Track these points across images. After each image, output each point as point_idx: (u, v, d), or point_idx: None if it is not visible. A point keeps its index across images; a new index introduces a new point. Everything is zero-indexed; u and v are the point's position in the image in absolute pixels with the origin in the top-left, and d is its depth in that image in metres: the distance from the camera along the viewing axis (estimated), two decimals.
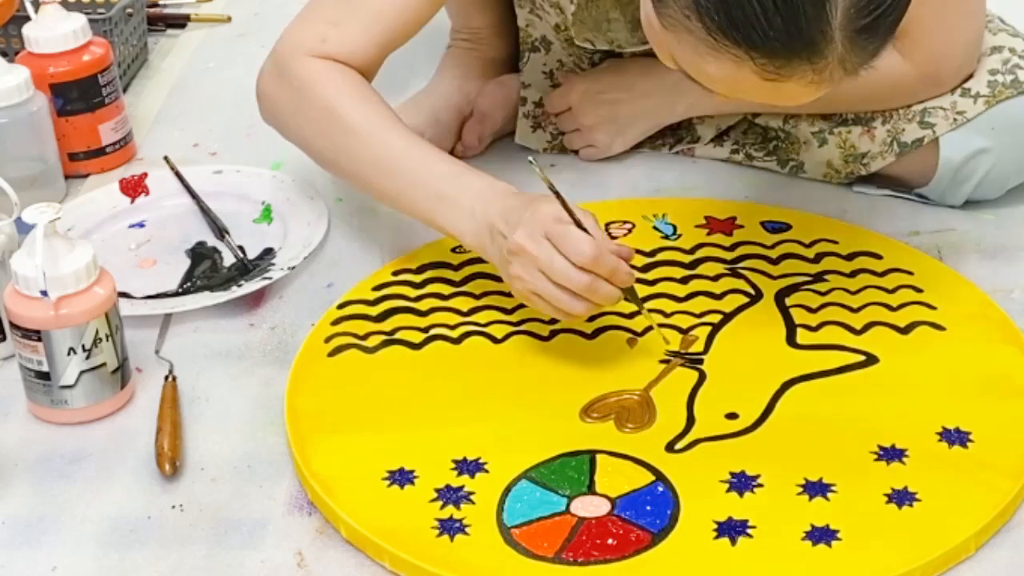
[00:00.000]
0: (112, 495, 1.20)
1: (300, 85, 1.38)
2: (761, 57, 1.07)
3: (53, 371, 1.25)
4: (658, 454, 1.19)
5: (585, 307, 1.23)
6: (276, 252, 1.48)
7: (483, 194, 1.29)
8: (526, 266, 1.23)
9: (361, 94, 1.37)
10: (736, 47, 1.07)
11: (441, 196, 1.31)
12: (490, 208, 1.28)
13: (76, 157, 1.65)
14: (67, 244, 1.25)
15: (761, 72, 1.08)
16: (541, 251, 1.22)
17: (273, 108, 1.43)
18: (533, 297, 1.25)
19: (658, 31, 1.14)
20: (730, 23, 1.06)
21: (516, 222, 1.24)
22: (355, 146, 1.35)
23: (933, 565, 1.09)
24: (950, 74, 1.45)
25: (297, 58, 1.38)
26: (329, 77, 1.37)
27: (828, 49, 1.07)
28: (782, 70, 1.08)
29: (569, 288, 1.22)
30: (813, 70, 1.08)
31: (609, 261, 1.22)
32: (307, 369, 1.30)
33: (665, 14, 1.11)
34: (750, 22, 1.05)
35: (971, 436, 1.19)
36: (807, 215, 1.48)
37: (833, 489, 1.14)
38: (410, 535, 1.12)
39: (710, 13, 1.07)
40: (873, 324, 1.32)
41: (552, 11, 1.53)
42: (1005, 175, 1.48)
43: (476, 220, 1.28)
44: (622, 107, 1.59)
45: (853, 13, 1.06)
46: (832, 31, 1.06)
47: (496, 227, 1.26)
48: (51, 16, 1.61)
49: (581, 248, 1.21)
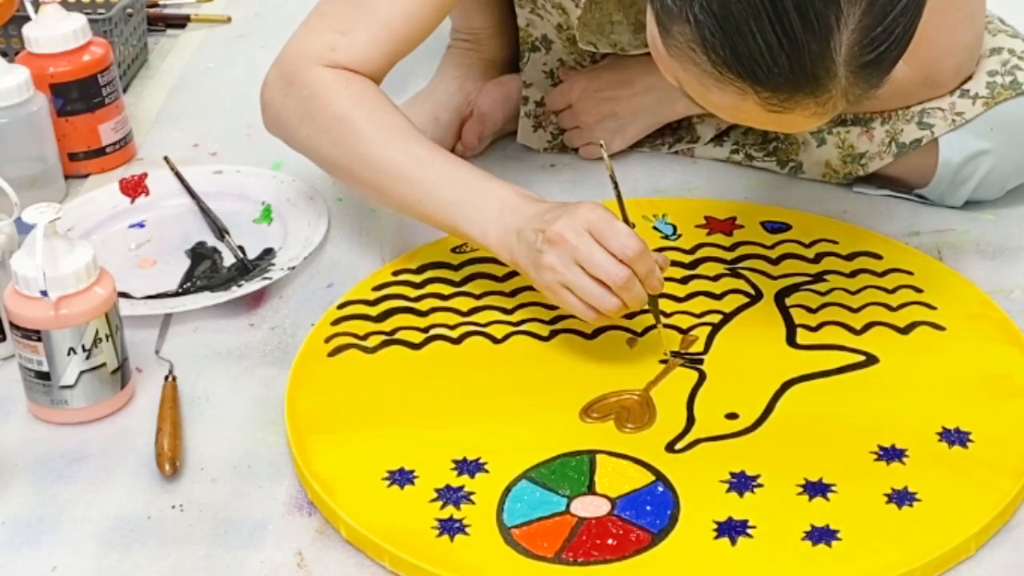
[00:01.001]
0: (112, 495, 1.20)
1: (311, 95, 1.37)
2: (765, 91, 1.08)
3: (53, 371, 1.25)
4: (658, 454, 1.19)
5: (616, 304, 1.23)
6: (276, 252, 1.48)
7: (509, 199, 1.29)
8: (562, 256, 1.23)
9: (375, 102, 1.37)
10: (740, 81, 1.08)
11: (465, 201, 1.31)
12: (517, 213, 1.28)
13: (76, 157, 1.65)
14: (67, 244, 1.25)
15: (765, 104, 1.09)
16: (583, 243, 1.22)
17: (279, 117, 1.41)
18: (562, 291, 1.24)
19: (663, 56, 1.15)
20: (735, 59, 1.07)
21: (554, 218, 1.24)
22: (372, 155, 1.34)
23: (933, 565, 1.09)
24: (949, 76, 1.45)
25: (306, 67, 1.37)
26: (341, 86, 1.36)
27: (832, 84, 1.08)
28: (786, 103, 1.09)
29: (604, 282, 1.22)
30: (816, 103, 1.09)
31: (649, 259, 1.23)
32: (307, 369, 1.30)
33: (671, 44, 1.12)
34: (755, 59, 1.06)
35: (971, 436, 1.19)
36: (807, 215, 1.48)
37: (833, 489, 1.14)
38: (410, 535, 1.12)
39: (715, 48, 1.08)
40: (873, 324, 1.32)
41: (554, 11, 1.53)
42: (1004, 176, 1.48)
43: (503, 222, 1.28)
44: (622, 104, 1.59)
45: (857, 50, 1.07)
46: (836, 67, 1.07)
47: (526, 228, 1.26)
48: (51, 16, 1.61)
49: (628, 241, 1.22)
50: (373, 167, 1.35)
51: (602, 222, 1.22)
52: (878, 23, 1.07)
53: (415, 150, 1.34)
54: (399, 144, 1.34)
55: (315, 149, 1.40)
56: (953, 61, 1.45)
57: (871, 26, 1.07)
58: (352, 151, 1.35)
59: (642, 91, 1.58)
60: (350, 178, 1.39)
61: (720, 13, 1.06)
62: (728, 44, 1.07)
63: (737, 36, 1.06)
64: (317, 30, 1.39)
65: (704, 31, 1.07)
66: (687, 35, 1.09)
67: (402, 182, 1.34)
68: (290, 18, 1.43)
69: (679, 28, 1.10)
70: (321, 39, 1.38)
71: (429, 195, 1.32)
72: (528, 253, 1.26)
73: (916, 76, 1.43)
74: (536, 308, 1.36)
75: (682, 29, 1.09)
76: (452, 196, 1.31)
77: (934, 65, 1.44)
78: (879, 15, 1.07)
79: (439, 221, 1.34)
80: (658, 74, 1.57)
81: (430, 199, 1.32)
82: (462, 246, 1.45)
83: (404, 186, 1.34)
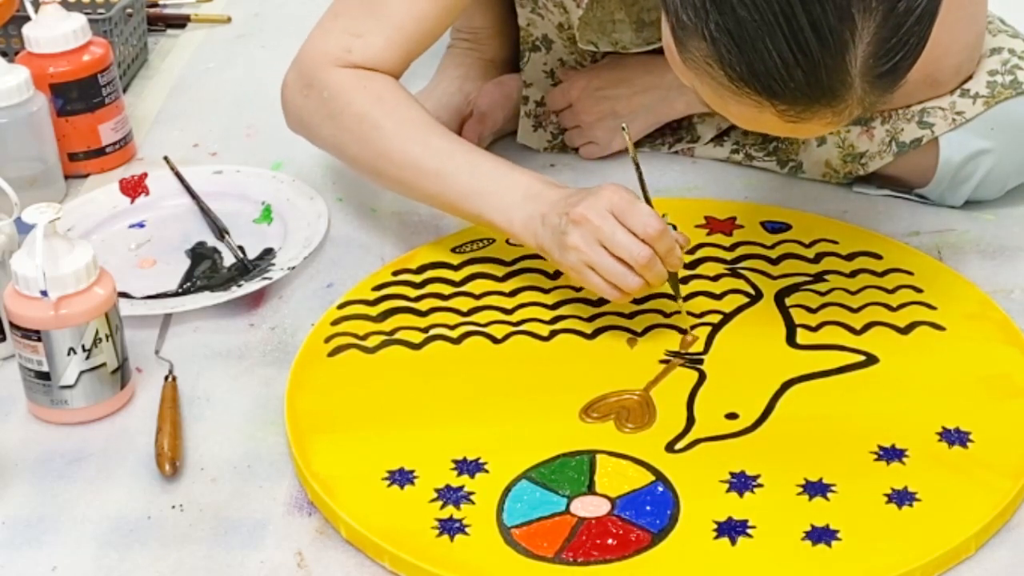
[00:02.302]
0: (112, 495, 1.20)
1: (331, 95, 1.39)
2: (782, 104, 1.10)
3: (53, 371, 1.25)
4: (658, 454, 1.19)
5: (638, 283, 1.25)
6: (276, 252, 1.48)
7: (532, 187, 1.31)
8: (586, 236, 1.25)
9: (395, 98, 1.38)
10: (758, 95, 1.09)
11: (488, 191, 1.32)
12: (540, 200, 1.30)
13: (76, 157, 1.65)
14: (67, 244, 1.25)
15: (782, 116, 1.11)
16: (605, 223, 1.24)
17: (301, 118, 1.43)
18: (586, 271, 1.26)
19: (680, 66, 1.16)
20: (751, 74, 1.08)
21: (577, 200, 1.26)
22: (394, 150, 1.36)
23: (933, 565, 1.09)
24: (950, 75, 1.46)
25: (324, 68, 1.39)
26: (360, 85, 1.38)
27: (848, 95, 1.09)
28: (803, 114, 1.10)
29: (627, 261, 1.24)
30: (833, 112, 1.11)
31: (670, 238, 1.25)
32: (307, 369, 1.30)
33: (687, 58, 1.13)
34: (771, 74, 1.07)
35: (971, 436, 1.19)
36: (807, 215, 1.48)
37: (833, 489, 1.14)
38: (410, 535, 1.12)
39: (732, 64, 1.09)
40: (873, 324, 1.32)
41: (556, 10, 1.54)
42: (1005, 175, 1.48)
43: (526, 210, 1.30)
44: (622, 103, 1.59)
45: (872, 62, 1.08)
46: (852, 79, 1.08)
47: (549, 213, 1.28)
48: (51, 16, 1.61)
49: (649, 221, 1.24)
50: (397, 162, 1.36)
51: (624, 202, 1.25)
52: (893, 35, 1.08)
53: (436, 143, 1.36)
54: (420, 138, 1.36)
55: (339, 147, 1.42)
56: (954, 60, 1.45)
57: (887, 38, 1.08)
58: (375, 148, 1.37)
59: (642, 90, 1.59)
60: (375, 174, 1.40)
61: (736, 31, 1.07)
62: (744, 61, 1.08)
63: (753, 53, 1.07)
64: (332, 32, 1.41)
65: (720, 48, 1.08)
66: (703, 51, 1.10)
67: (425, 175, 1.35)
68: (290, 18, 1.43)
69: (695, 44, 1.11)
70: (336, 42, 1.40)
71: (452, 187, 1.34)
72: (553, 236, 1.27)
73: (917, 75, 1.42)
74: (536, 308, 1.36)
75: (698, 45, 1.10)
76: (475, 186, 1.33)
77: (935, 64, 1.44)
78: (894, 27, 1.07)
79: (464, 211, 1.35)
80: (658, 73, 1.58)
81: (453, 190, 1.34)
82: (462, 246, 1.45)
83: (427, 179, 1.35)
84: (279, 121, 1.48)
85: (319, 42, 1.41)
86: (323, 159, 1.58)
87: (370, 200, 1.55)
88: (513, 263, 1.42)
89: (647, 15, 1.52)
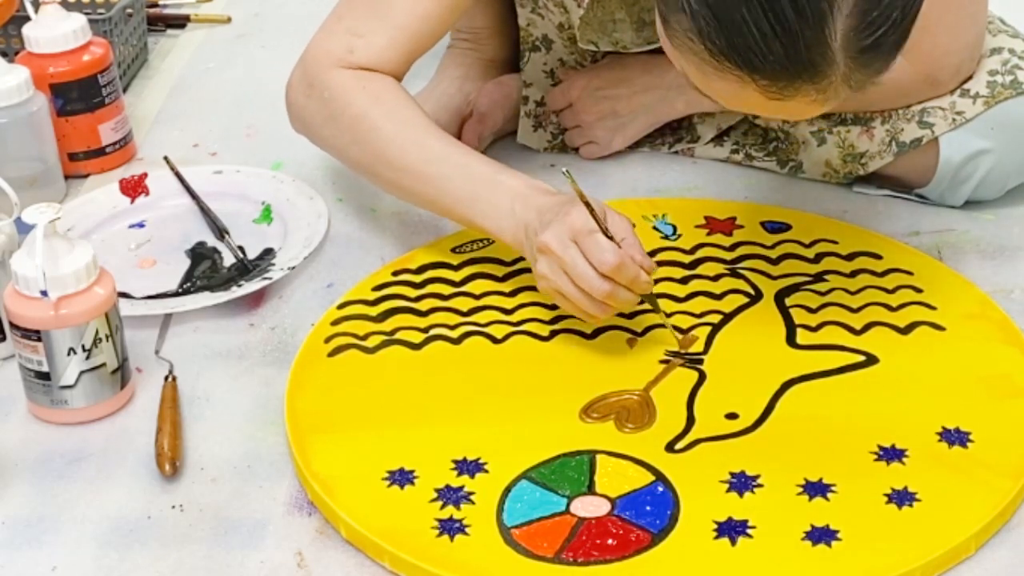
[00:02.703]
0: (112, 495, 1.20)
1: (331, 96, 1.39)
2: (763, 79, 1.08)
3: (53, 371, 1.25)
4: (658, 454, 1.19)
5: (604, 310, 1.25)
6: (276, 252, 1.48)
7: (520, 193, 1.31)
8: (551, 266, 1.25)
9: (393, 99, 1.38)
10: (738, 69, 1.08)
11: (480, 197, 1.32)
12: (527, 206, 1.29)
13: (76, 157, 1.65)
14: (67, 244, 1.25)
15: (764, 92, 1.10)
16: (567, 254, 1.23)
17: (303, 118, 1.44)
18: (556, 296, 1.27)
19: (667, 44, 1.15)
20: (731, 47, 1.07)
21: (548, 222, 1.25)
22: (391, 153, 1.36)
23: (933, 565, 1.09)
24: (950, 75, 1.45)
25: (326, 69, 1.40)
26: (360, 86, 1.38)
27: (831, 70, 1.08)
28: (785, 91, 1.09)
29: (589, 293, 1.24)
30: (816, 89, 1.09)
31: (630, 271, 1.23)
32: (307, 369, 1.30)
33: (671, 34, 1.13)
34: (749, 47, 1.06)
35: (971, 436, 1.19)
36: (807, 215, 1.48)
37: (833, 489, 1.14)
38: (410, 535, 1.12)
39: (711, 37, 1.08)
40: (873, 324, 1.32)
41: (556, 10, 1.54)
42: (1005, 175, 1.48)
43: (515, 218, 1.30)
44: (622, 103, 1.59)
45: (853, 35, 1.07)
46: (833, 53, 1.07)
47: (531, 225, 1.28)
48: (51, 16, 1.61)
49: (605, 257, 1.22)
50: (394, 165, 1.37)
51: (582, 234, 1.23)
52: (874, 7, 1.06)
53: (431, 145, 1.36)
54: (416, 140, 1.36)
55: (338, 149, 1.42)
56: (954, 60, 1.45)
57: (867, 11, 1.06)
58: (372, 150, 1.38)
59: (642, 90, 1.59)
60: (374, 176, 1.41)
61: (714, 2, 1.06)
62: (723, 33, 1.07)
63: (731, 25, 1.06)
64: (335, 33, 1.41)
65: (700, 20, 1.08)
66: (684, 24, 1.10)
67: (420, 179, 1.36)
68: (290, 18, 1.43)
69: (676, 17, 1.10)
70: (339, 42, 1.40)
71: (446, 191, 1.34)
72: (531, 257, 1.28)
73: (917, 75, 1.43)
74: (536, 308, 1.36)
75: (679, 18, 1.10)
76: (467, 191, 1.33)
77: (935, 64, 1.44)
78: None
79: (458, 216, 1.36)
80: (658, 72, 1.58)
81: (447, 195, 1.35)
82: (462, 246, 1.45)
83: (422, 183, 1.36)
84: (279, 121, 1.48)
85: (322, 43, 1.42)
86: (323, 159, 1.58)
87: (370, 200, 1.55)
88: (513, 263, 1.42)
89: (647, 15, 1.52)
